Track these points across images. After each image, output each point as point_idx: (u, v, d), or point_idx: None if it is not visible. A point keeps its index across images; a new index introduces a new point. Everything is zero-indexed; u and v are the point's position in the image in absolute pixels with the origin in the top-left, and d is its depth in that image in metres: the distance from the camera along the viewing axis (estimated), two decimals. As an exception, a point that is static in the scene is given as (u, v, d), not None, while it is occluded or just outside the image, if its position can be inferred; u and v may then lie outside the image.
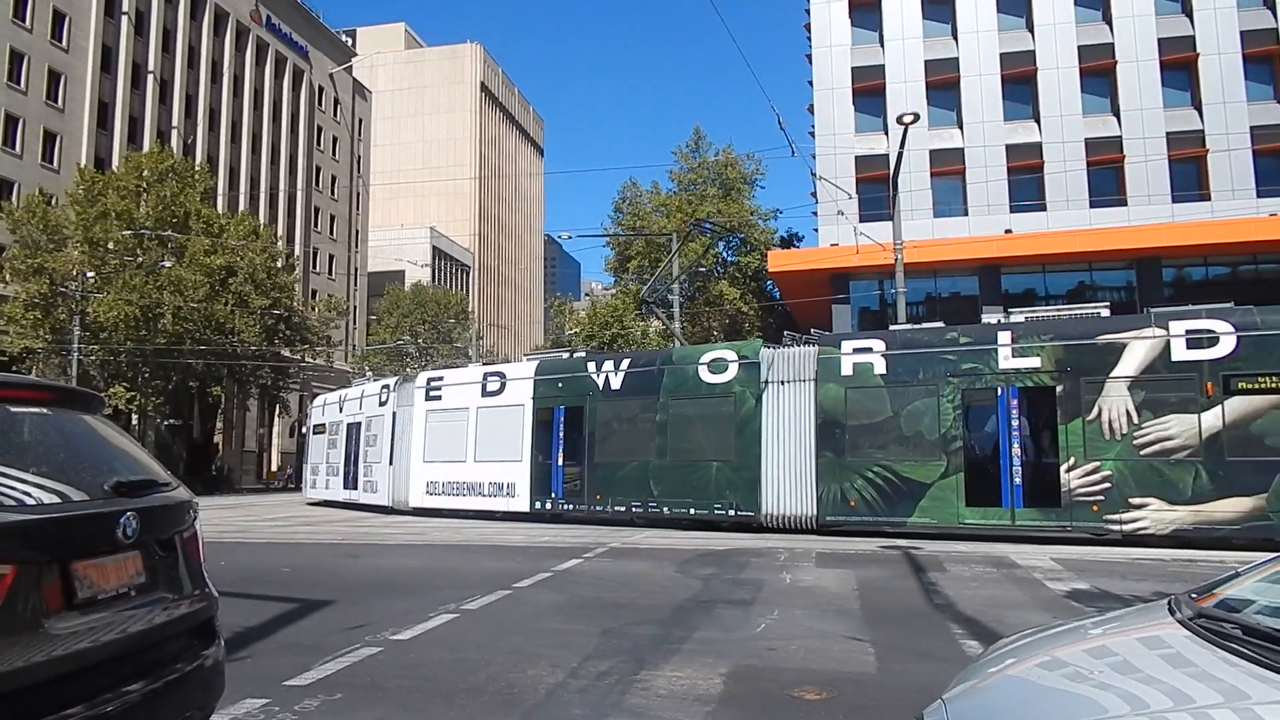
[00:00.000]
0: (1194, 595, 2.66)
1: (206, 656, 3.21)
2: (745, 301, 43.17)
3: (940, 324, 17.35)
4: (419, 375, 23.95)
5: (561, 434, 19.50)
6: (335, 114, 67.15)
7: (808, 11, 36.76)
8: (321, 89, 65.17)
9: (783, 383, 16.89)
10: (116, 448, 3.31)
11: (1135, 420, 13.98)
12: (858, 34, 35.47)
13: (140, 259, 36.42)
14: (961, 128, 33.78)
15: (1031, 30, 33.69)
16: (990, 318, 28.12)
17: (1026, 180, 32.87)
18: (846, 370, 16.26)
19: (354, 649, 6.18)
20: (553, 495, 19.47)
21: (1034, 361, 14.80)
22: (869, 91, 34.79)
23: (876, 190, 32.53)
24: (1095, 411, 14.21)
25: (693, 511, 17.45)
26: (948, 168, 33.63)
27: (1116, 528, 13.86)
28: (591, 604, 8.45)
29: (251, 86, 57.19)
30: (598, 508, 18.70)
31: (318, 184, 63.91)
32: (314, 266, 62.39)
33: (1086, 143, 32.45)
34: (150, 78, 48.68)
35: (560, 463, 19.47)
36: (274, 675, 5.38)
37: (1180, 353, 13.82)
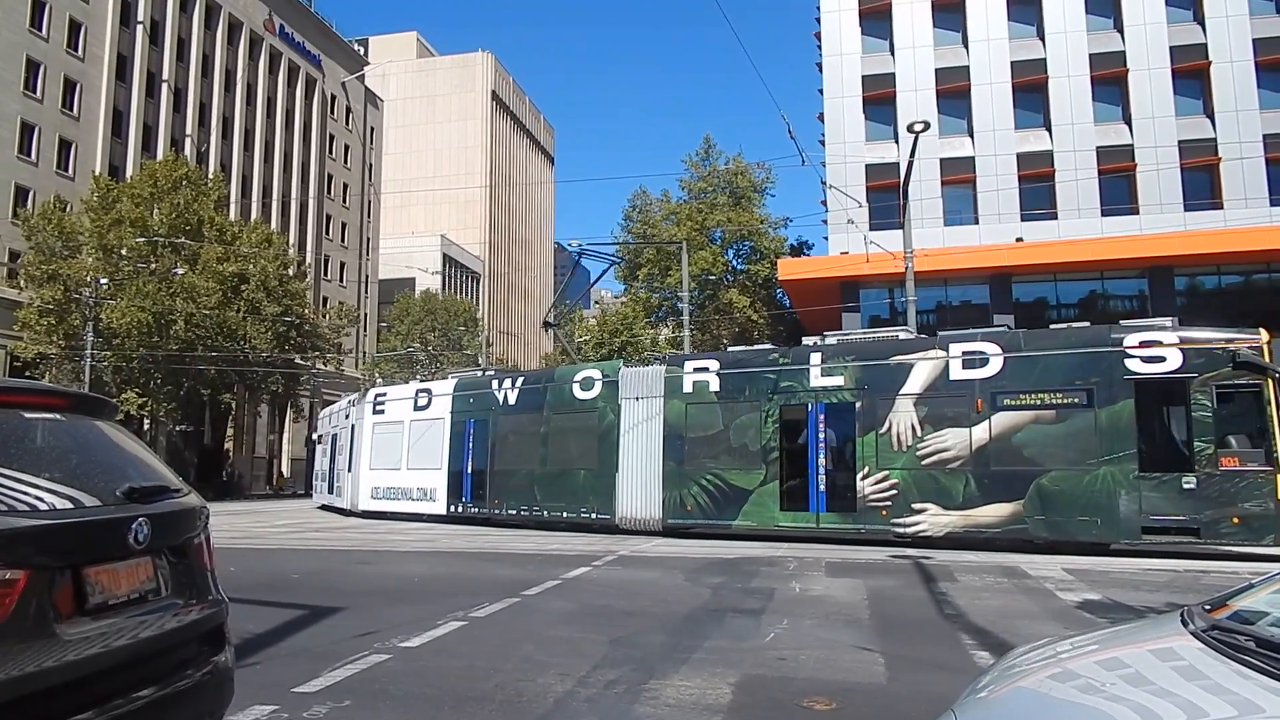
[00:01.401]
0: (1207, 607, 2.64)
1: (216, 663, 3.22)
2: (755, 310, 43.16)
3: (769, 346, 19.36)
4: (370, 391, 26.85)
5: (471, 445, 21.57)
6: (347, 122, 67.54)
7: (818, 20, 36.80)
8: (334, 97, 65.58)
9: (636, 399, 18.55)
10: (129, 454, 3.33)
11: (919, 433, 15.37)
12: (868, 42, 35.49)
13: (153, 266, 36.68)
14: (972, 136, 33.73)
15: (1042, 38, 33.63)
16: (1001, 327, 28.08)
17: (1038, 189, 32.77)
18: (687, 388, 17.89)
19: (363, 656, 6.18)
20: (463, 500, 21.52)
21: (838, 380, 16.30)
22: (879, 100, 34.78)
23: (887, 199, 32.49)
24: (886, 425, 15.63)
25: (565, 515, 19.28)
26: (958, 176, 33.57)
27: (900, 530, 15.24)
28: (600, 612, 8.43)
29: (265, 95, 57.60)
30: (496, 511, 20.64)
31: (329, 192, 64.26)
32: (325, 274, 62.69)
33: (1098, 151, 32.35)
34: (164, 86, 49.09)
35: (469, 470, 21.54)
36: (283, 682, 5.39)
37: (957, 372, 15.17)
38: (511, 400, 21.01)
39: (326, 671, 5.68)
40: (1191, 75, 32.22)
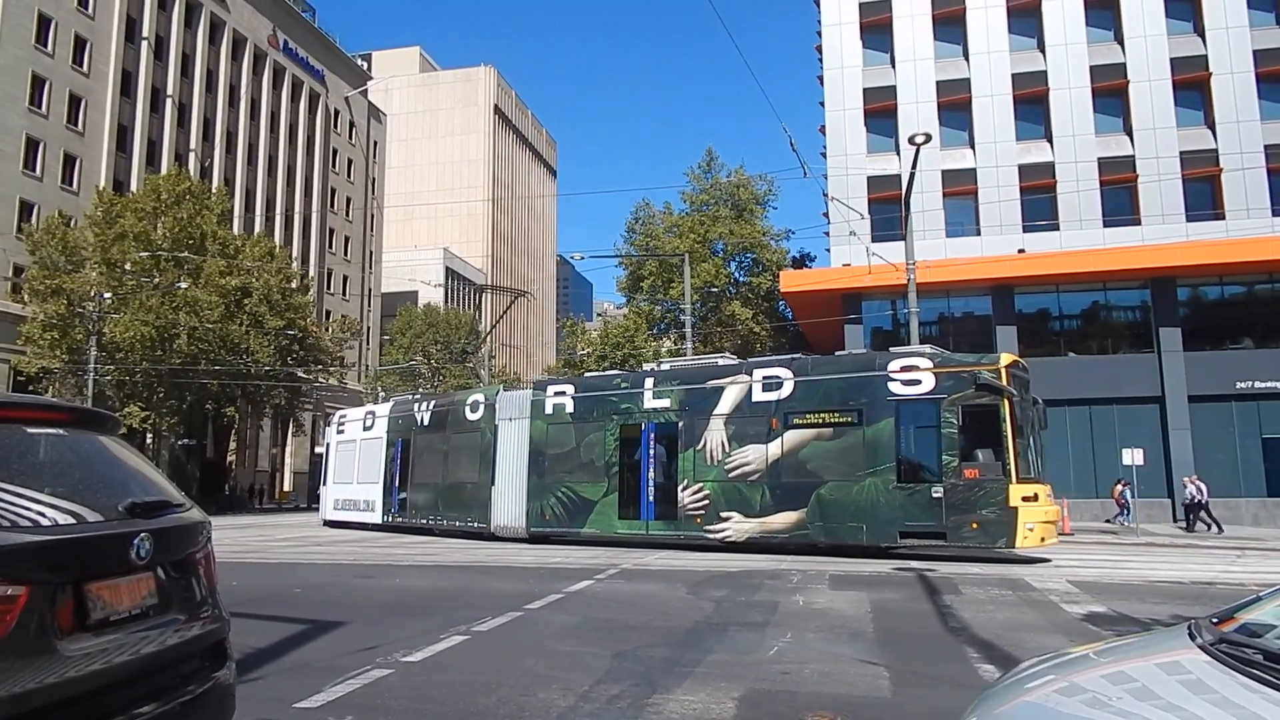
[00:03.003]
0: (1214, 620, 2.62)
1: (218, 678, 3.21)
2: (757, 322, 43.16)
3: (616, 372, 22.23)
4: (337, 413, 29.48)
5: (399, 461, 24.01)
6: (350, 136, 67.83)
7: (819, 34, 36.95)
8: (337, 112, 65.90)
9: (509, 419, 20.56)
10: (131, 468, 3.32)
11: (726, 449, 17.13)
12: (869, 55, 35.60)
13: (157, 280, 36.77)
14: (974, 148, 33.78)
15: (1043, 50, 33.73)
16: (1004, 338, 28.14)
17: (1039, 200, 32.78)
18: (549, 409, 19.86)
19: (364, 671, 6.15)
20: (393, 510, 23.97)
21: (666, 403, 18.18)
22: (881, 112, 34.86)
23: (889, 210, 32.53)
24: (702, 442, 17.43)
25: (456, 524, 21.51)
26: (960, 188, 33.60)
27: (712, 536, 16.97)
28: (603, 626, 8.40)
29: (268, 110, 57.89)
30: (415, 521, 22.96)
31: (333, 206, 64.48)
32: (328, 287, 62.83)
33: (1099, 162, 32.36)
34: (169, 102, 49.35)
35: (396, 484, 24.01)
36: (284, 697, 5.37)
37: (758, 395, 16.96)
38: (425, 421, 23.44)
39: (328, 686, 5.66)
40: (1192, 87, 32.26)
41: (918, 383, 15.39)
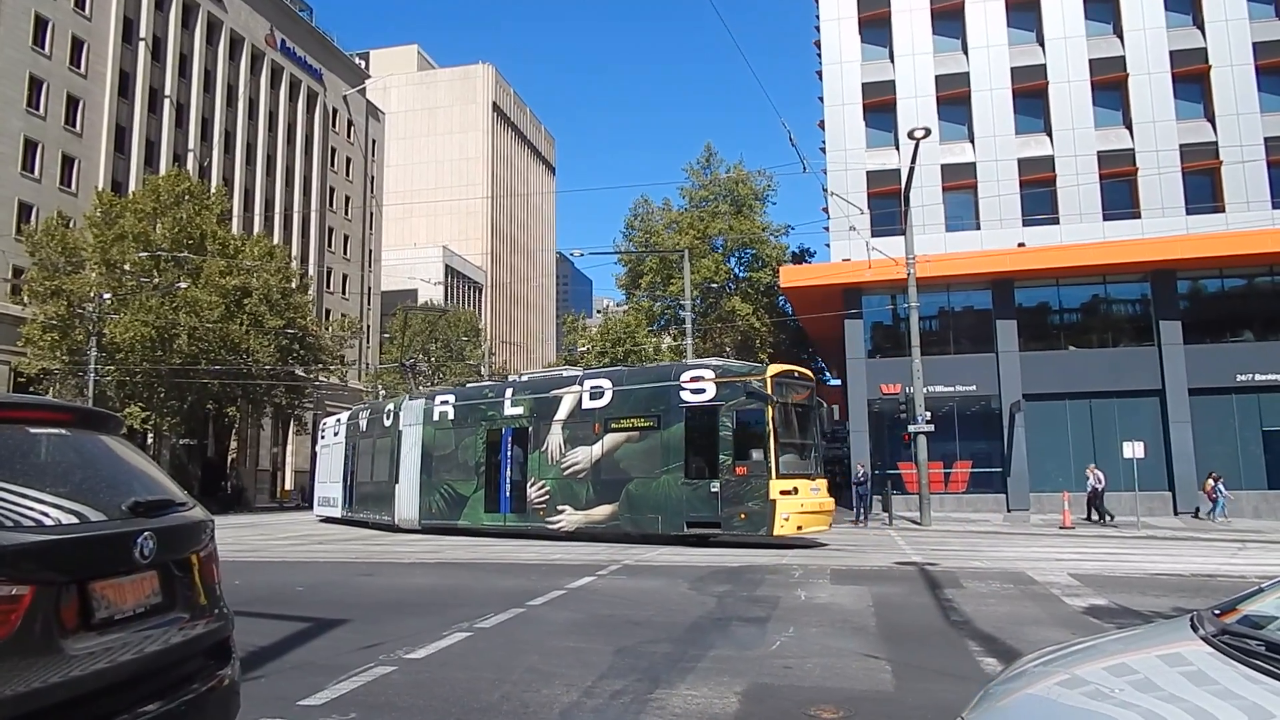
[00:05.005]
0: (1216, 611, 2.63)
1: (222, 677, 3.21)
2: (758, 317, 43.09)
3: (489, 383, 26.36)
4: (323, 420, 34.24)
5: (346, 463, 27.68)
6: (349, 135, 67.74)
7: (818, 29, 36.88)
8: (335, 111, 65.79)
9: (410, 425, 23.26)
10: (134, 468, 3.33)
11: (563, 451, 19.27)
12: (868, 50, 35.50)
13: (156, 280, 36.76)
14: (973, 142, 33.72)
15: (1042, 44, 33.65)
16: (1004, 332, 28.29)
17: (1039, 194, 32.71)
18: (436, 416, 22.50)
19: (368, 668, 6.16)
20: (347, 506, 27.40)
21: (520, 410, 20.47)
22: (880, 107, 34.79)
23: (888, 205, 32.47)
24: (545, 445, 19.63)
25: (373, 518, 24.90)
26: (959, 182, 33.55)
27: (552, 527, 19.11)
28: (606, 622, 8.41)
29: (266, 109, 57.80)
30: (359, 515, 26.19)
31: (332, 205, 64.41)
32: (328, 286, 62.78)
33: (1099, 155, 32.29)
34: (167, 102, 49.28)
35: (346, 483, 27.62)
36: (288, 695, 5.38)
37: (587, 403, 19.06)
38: (364, 427, 26.84)
39: (332, 684, 5.67)
40: (1192, 79, 32.19)
41: (703, 391, 17.40)
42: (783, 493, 16.19)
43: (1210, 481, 25.70)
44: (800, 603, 9.69)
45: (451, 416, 22.12)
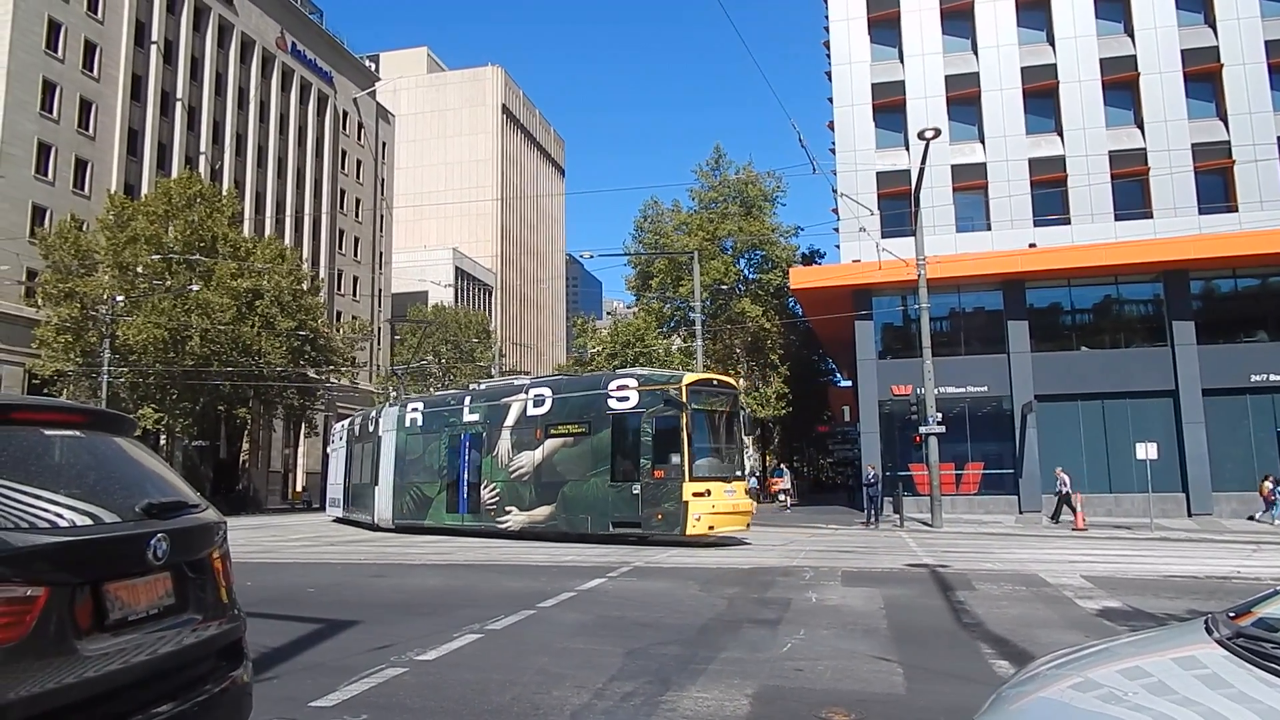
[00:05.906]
0: (1231, 614, 2.61)
1: (234, 678, 3.22)
2: (768, 319, 43.00)
3: (454, 391, 27.80)
4: (335, 424, 36.94)
5: (344, 465, 29.38)
6: (359, 138, 68.01)
7: (827, 29, 36.80)
8: (345, 113, 66.07)
9: (387, 431, 24.79)
10: (147, 469, 3.34)
11: (510, 455, 20.29)
12: (877, 50, 35.40)
13: (169, 283, 36.96)
14: (983, 142, 33.57)
15: (1053, 43, 33.49)
16: (1015, 332, 28.24)
17: (1050, 194, 32.53)
18: (408, 423, 24.05)
19: (379, 670, 6.18)
20: (346, 506, 28.95)
21: (476, 417, 21.69)
22: (889, 107, 34.68)
23: (898, 206, 32.37)
24: (496, 450, 20.73)
25: (362, 518, 26.28)
26: (970, 182, 33.40)
27: (501, 526, 20.16)
28: (616, 624, 8.41)
29: (277, 112, 58.09)
30: (353, 515, 27.71)
31: (342, 207, 64.67)
32: (339, 288, 63.03)
33: (1110, 155, 32.09)
34: (179, 105, 49.59)
35: (344, 484, 29.30)
36: (300, 696, 5.40)
37: (530, 410, 20.15)
38: (356, 433, 28.53)
39: (343, 685, 5.68)
40: (1204, 78, 31.96)
41: (627, 399, 18.25)
42: (695, 495, 16.98)
43: (1268, 484, 25.39)
44: (811, 605, 9.66)
45: (420, 423, 23.66)
